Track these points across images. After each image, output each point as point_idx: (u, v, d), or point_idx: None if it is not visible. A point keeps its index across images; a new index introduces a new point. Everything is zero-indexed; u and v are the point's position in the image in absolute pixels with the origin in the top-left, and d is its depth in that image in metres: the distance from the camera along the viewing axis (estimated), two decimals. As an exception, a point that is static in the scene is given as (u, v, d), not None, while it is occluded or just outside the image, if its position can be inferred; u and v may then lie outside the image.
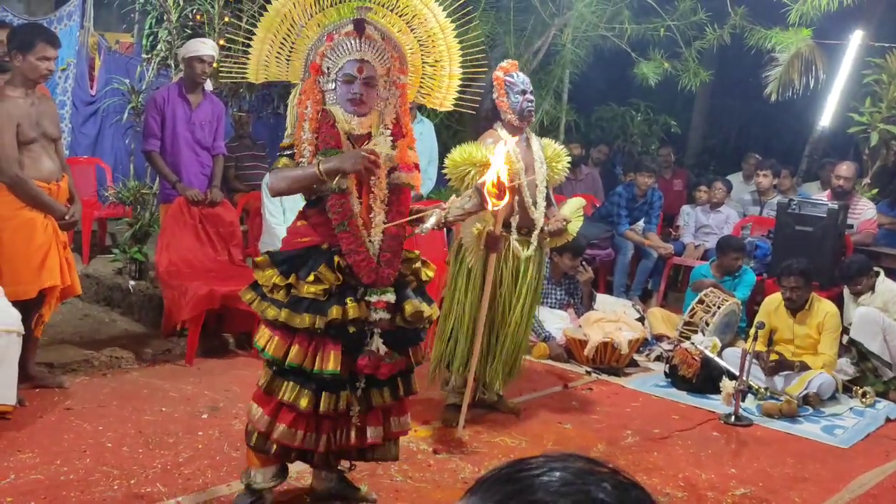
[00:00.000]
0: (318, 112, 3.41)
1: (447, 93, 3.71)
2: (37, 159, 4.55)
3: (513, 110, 4.68)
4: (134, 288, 6.26)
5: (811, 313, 5.78)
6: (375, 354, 3.35)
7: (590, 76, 9.04)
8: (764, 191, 8.35)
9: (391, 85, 3.47)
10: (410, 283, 3.52)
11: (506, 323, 4.72)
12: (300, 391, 3.36)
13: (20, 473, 3.79)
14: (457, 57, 3.65)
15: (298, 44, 3.51)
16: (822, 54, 7.93)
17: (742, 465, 4.58)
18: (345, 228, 3.35)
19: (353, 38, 3.40)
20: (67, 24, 7.94)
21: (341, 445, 3.47)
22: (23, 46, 4.46)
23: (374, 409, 3.47)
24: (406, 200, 3.50)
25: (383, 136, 3.42)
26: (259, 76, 3.60)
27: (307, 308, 3.31)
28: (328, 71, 3.41)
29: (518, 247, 4.69)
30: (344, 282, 3.37)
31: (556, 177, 4.89)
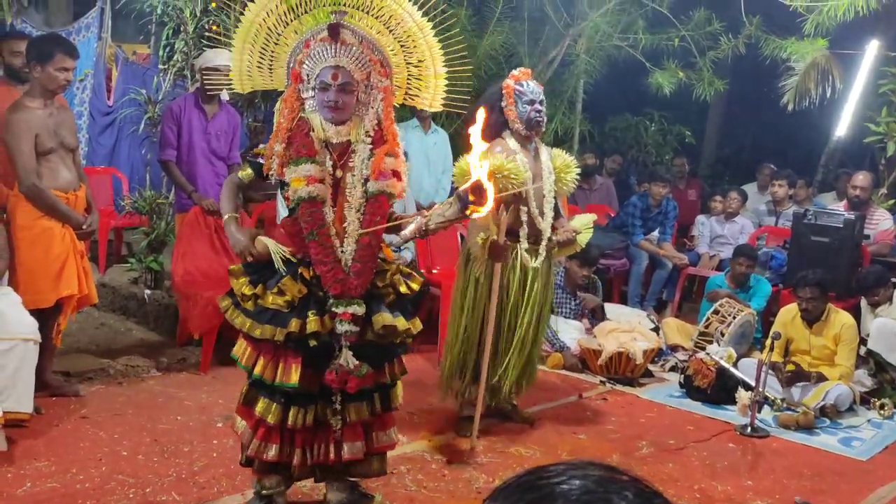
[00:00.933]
0: (291, 120, 3.38)
1: (435, 92, 3.65)
2: (55, 169, 4.59)
3: (520, 120, 4.66)
4: (149, 297, 6.29)
5: (828, 324, 5.75)
6: (343, 368, 3.28)
7: (604, 86, 9.04)
8: (779, 201, 8.32)
9: (372, 89, 3.43)
10: (386, 296, 3.43)
11: (514, 333, 4.70)
12: (268, 404, 3.34)
13: (36, 482, 3.81)
14: (439, 55, 3.59)
15: (278, 52, 3.50)
16: (837, 64, 7.90)
17: (758, 477, 4.54)
18: (314, 237, 3.31)
19: (328, 43, 3.36)
20: (85, 36, 8.00)
21: (319, 461, 3.44)
22: (42, 57, 4.51)
23: (351, 424, 3.42)
24: (382, 209, 3.40)
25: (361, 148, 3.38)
26: (245, 87, 3.62)
27: (269, 319, 3.29)
28: (307, 78, 3.39)
29: (527, 256, 4.67)
30: (311, 293, 3.33)
31: (564, 187, 4.87)
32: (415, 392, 5.37)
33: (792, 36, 7.68)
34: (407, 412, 5.06)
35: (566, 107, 8.60)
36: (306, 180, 3.32)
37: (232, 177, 3.62)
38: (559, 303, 6.66)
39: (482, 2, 7.84)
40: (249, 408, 3.43)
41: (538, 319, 4.81)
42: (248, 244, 3.38)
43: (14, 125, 4.46)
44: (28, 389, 4.26)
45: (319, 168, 3.35)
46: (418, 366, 6.00)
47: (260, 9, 3.46)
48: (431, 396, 5.17)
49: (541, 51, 8.24)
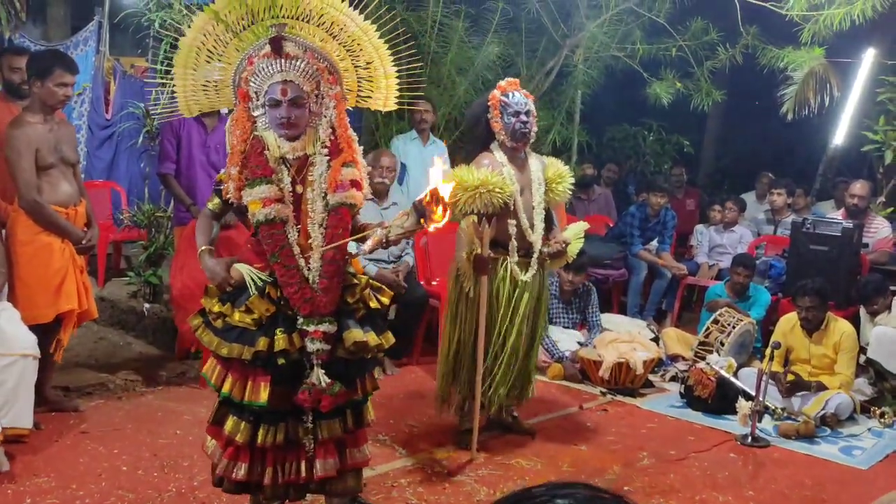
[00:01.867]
0: (244, 141, 3.32)
1: (388, 92, 3.58)
2: (55, 184, 4.60)
3: (506, 132, 4.60)
4: (148, 311, 6.28)
5: (827, 333, 5.74)
6: (315, 387, 3.23)
7: (602, 96, 9.06)
8: (778, 210, 8.33)
9: (323, 98, 3.37)
10: (356, 312, 3.38)
11: (506, 345, 4.66)
12: (237, 423, 3.30)
13: (36, 498, 3.80)
14: (387, 56, 3.53)
15: (221, 72, 3.44)
16: (835, 73, 7.92)
17: (759, 487, 4.53)
18: (277, 259, 3.26)
19: (273, 58, 3.29)
20: (83, 50, 8.02)
21: (290, 479, 3.39)
22: (41, 73, 4.52)
23: (323, 441, 3.37)
24: (344, 222, 3.33)
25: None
26: (192, 110, 3.57)
27: (236, 338, 3.24)
28: (255, 95, 3.32)
29: (517, 269, 4.64)
30: (279, 311, 3.28)
31: (556, 198, 4.80)
32: (415, 404, 5.37)
33: (789, 45, 7.70)
34: (407, 424, 5.06)
35: (564, 117, 8.62)
36: (262, 202, 3.25)
37: (203, 209, 3.56)
38: (556, 313, 6.66)
39: (479, 13, 7.86)
40: (219, 427, 3.38)
41: (531, 332, 4.78)
42: (224, 276, 3.32)
43: (15, 140, 4.47)
44: (27, 405, 4.25)
45: (276, 188, 3.28)
46: (418, 378, 6.00)
47: (197, 32, 3.40)
48: (430, 408, 5.16)
49: (538, 62, 8.26)
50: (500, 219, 4.58)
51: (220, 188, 3.41)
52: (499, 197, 4.46)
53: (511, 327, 4.64)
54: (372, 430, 3.81)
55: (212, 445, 3.45)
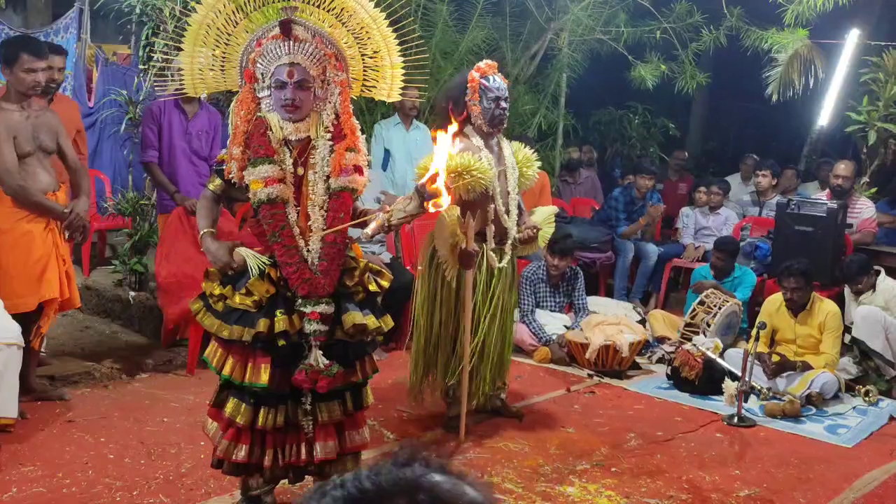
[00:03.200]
0: (248, 122, 3.34)
1: (392, 83, 3.60)
2: (32, 172, 4.55)
3: (483, 116, 4.51)
4: (134, 299, 6.26)
5: (812, 313, 5.77)
6: (313, 368, 3.25)
7: (587, 80, 9.06)
8: (763, 191, 8.35)
9: (328, 84, 3.39)
10: (356, 294, 3.40)
11: (489, 333, 4.61)
12: (238, 405, 3.32)
13: (22, 487, 3.79)
14: (394, 46, 3.55)
15: (229, 52, 3.45)
16: (820, 54, 7.94)
17: (746, 467, 4.56)
18: (277, 239, 3.28)
19: (281, 41, 3.31)
20: (64, 37, 7.94)
21: (290, 461, 3.41)
22: (8, 61, 4.47)
23: (323, 424, 3.40)
24: (346, 206, 3.36)
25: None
26: (198, 89, 3.58)
27: (237, 320, 3.26)
28: (262, 77, 3.34)
29: (493, 257, 4.59)
30: (279, 292, 3.30)
31: (527, 182, 4.76)
32: (403, 390, 5.35)
33: (773, 27, 7.71)
34: (396, 409, 5.06)
35: (550, 101, 8.61)
36: (264, 182, 3.28)
37: (204, 191, 3.57)
38: (543, 296, 6.66)
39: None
40: (219, 409, 3.40)
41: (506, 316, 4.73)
42: (227, 260, 3.33)
43: None
44: (12, 394, 4.23)
45: (278, 168, 3.30)
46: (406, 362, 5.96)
47: (208, 9, 3.41)
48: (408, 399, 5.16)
49: (523, 45, 8.25)
50: (479, 206, 4.50)
51: (221, 169, 3.42)
52: (481, 182, 4.40)
53: (490, 315, 4.60)
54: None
55: (212, 428, 3.47)
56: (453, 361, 4.62)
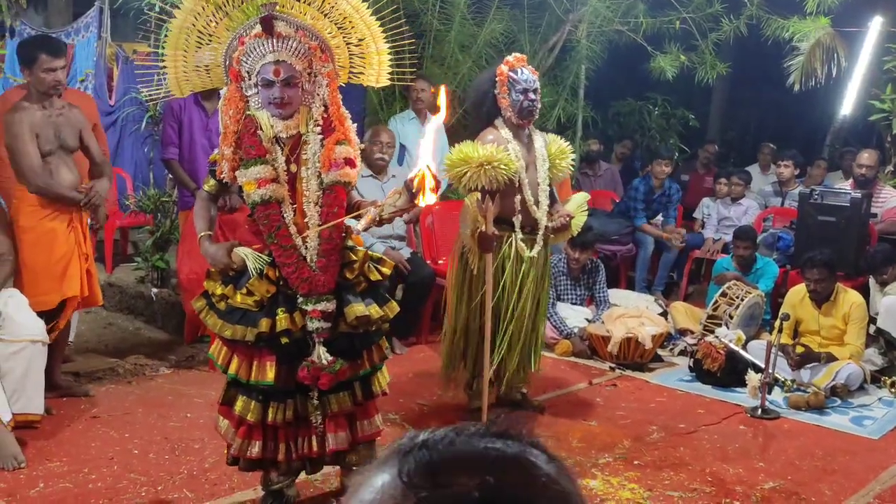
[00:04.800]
0: (237, 121, 3.33)
1: (380, 69, 3.57)
2: (54, 172, 4.58)
3: (513, 108, 4.56)
4: (156, 295, 6.30)
5: (837, 304, 5.72)
6: (315, 364, 3.26)
7: (606, 71, 9.00)
8: (785, 181, 8.28)
9: (316, 76, 3.36)
10: (357, 286, 3.40)
11: (513, 322, 4.64)
12: (247, 402, 3.33)
13: (49, 482, 3.83)
14: (378, 33, 3.52)
15: (212, 51, 3.43)
16: (842, 42, 7.85)
17: (770, 459, 4.54)
18: (273, 240, 3.28)
19: (264, 38, 3.29)
20: (85, 36, 7.99)
21: (304, 454, 3.43)
22: (27, 62, 4.49)
23: (334, 415, 3.41)
24: (339, 200, 3.35)
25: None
26: (184, 90, 3.57)
27: (239, 319, 3.27)
28: (248, 75, 3.32)
29: (523, 246, 4.62)
30: (279, 291, 3.30)
31: (559, 174, 4.79)
32: (423, 383, 5.37)
33: (794, 15, 7.63)
34: (416, 403, 5.06)
35: (568, 93, 8.56)
36: (257, 183, 3.27)
37: (199, 192, 3.56)
38: (564, 289, 6.64)
39: (481, -10, 7.80)
40: (229, 407, 3.42)
41: (537, 309, 4.77)
42: (226, 261, 3.33)
43: (13, 126, 4.45)
44: (38, 391, 4.27)
45: (271, 168, 3.29)
46: (427, 356, 6.00)
47: (187, 13, 3.40)
48: (440, 387, 5.16)
49: (541, 38, 8.20)
50: (505, 195, 4.56)
51: (214, 169, 3.42)
52: (503, 173, 4.44)
53: (518, 304, 4.63)
54: (381, 409, 3.81)
55: (224, 425, 3.48)
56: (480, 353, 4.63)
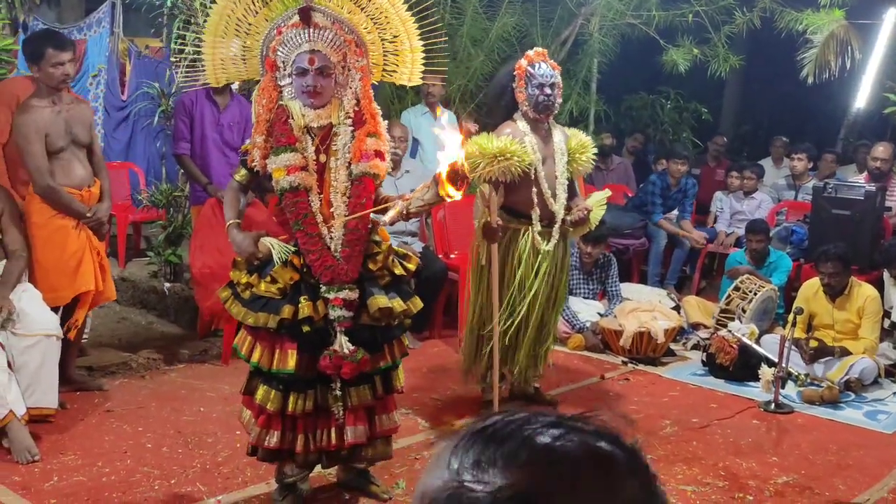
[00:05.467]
0: (270, 110, 3.37)
1: (413, 67, 3.61)
2: (66, 167, 4.59)
3: (529, 103, 4.60)
4: (169, 290, 6.31)
5: (851, 298, 5.69)
6: (337, 354, 3.28)
7: (618, 65, 8.96)
8: (799, 175, 8.24)
9: (349, 70, 3.40)
10: (381, 279, 3.42)
11: (530, 316, 4.66)
12: (267, 392, 3.35)
13: (63, 475, 3.85)
14: (413, 30, 3.55)
15: (250, 41, 3.47)
16: (856, 35, 7.79)
17: (783, 453, 4.52)
18: (300, 227, 3.31)
19: (301, 28, 3.33)
20: (97, 31, 8.01)
21: (321, 446, 3.44)
22: (34, 57, 4.49)
23: (353, 408, 3.42)
24: (367, 191, 3.38)
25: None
26: (219, 79, 3.61)
27: (262, 307, 3.30)
28: (283, 65, 3.37)
29: (539, 239, 4.63)
30: (303, 279, 3.33)
31: (580, 168, 4.82)
32: (436, 378, 5.38)
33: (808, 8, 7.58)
34: (430, 398, 5.07)
35: (581, 87, 8.53)
36: (286, 170, 3.31)
37: (230, 181, 3.61)
38: (576, 283, 6.63)
39: (493, -17, 7.78)
40: (251, 396, 3.45)
41: (553, 303, 4.78)
42: (252, 250, 3.38)
43: (22, 127, 4.46)
44: (52, 385, 4.29)
45: (300, 156, 3.33)
46: (440, 351, 6.00)
47: (227, 0, 3.44)
48: (453, 382, 5.18)
49: (553, 31, 8.17)
50: (522, 189, 4.57)
51: (245, 159, 3.46)
52: (517, 165, 4.45)
53: (534, 297, 4.64)
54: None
55: (247, 416, 3.52)
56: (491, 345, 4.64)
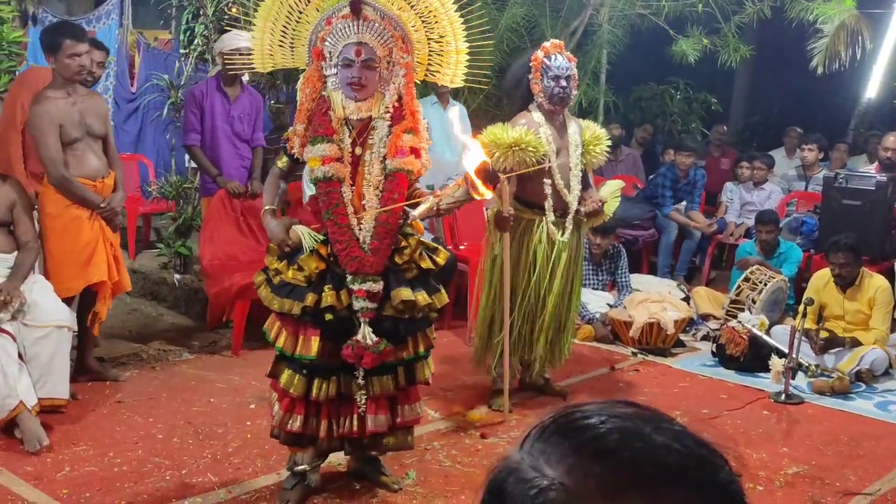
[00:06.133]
0: (312, 100, 3.42)
1: (456, 68, 3.65)
2: (81, 158, 4.60)
3: (544, 94, 4.62)
4: (179, 282, 6.33)
5: (861, 288, 5.67)
6: (360, 344, 3.32)
7: (628, 56, 8.92)
8: (809, 165, 8.20)
9: (394, 66, 3.44)
10: (407, 272, 3.45)
11: (545, 307, 4.67)
12: (291, 376, 3.41)
13: (75, 465, 3.86)
14: (460, 31, 3.60)
15: (300, 30, 3.52)
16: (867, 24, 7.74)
17: (794, 444, 4.51)
18: (330, 216, 3.36)
19: (350, 20, 3.38)
20: (106, 23, 8.03)
21: (343, 433, 3.48)
22: (51, 49, 4.50)
23: (375, 397, 3.46)
24: (400, 187, 3.42)
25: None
26: (266, 66, 3.65)
27: (288, 294, 3.36)
28: (329, 55, 3.41)
29: (553, 230, 4.64)
30: (329, 269, 3.38)
31: (593, 160, 4.83)
32: (446, 368, 5.38)
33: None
34: (440, 388, 5.06)
35: (590, 78, 8.50)
36: (322, 160, 3.36)
37: (272, 168, 3.68)
38: (586, 274, 6.62)
39: (503, -25, 7.75)
40: (276, 380, 3.51)
41: (569, 294, 4.79)
42: (283, 237, 3.43)
43: (37, 118, 4.48)
44: (63, 376, 4.31)
45: (336, 147, 3.38)
46: (449, 342, 6.00)
47: None
48: (462, 372, 5.18)
49: (562, 22, 8.14)
50: (536, 179, 4.59)
51: (285, 146, 3.54)
52: (532, 156, 4.47)
53: (549, 288, 4.65)
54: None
55: (273, 398, 3.57)
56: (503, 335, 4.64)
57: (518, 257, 4.58)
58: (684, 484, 0.73)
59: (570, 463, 0.74)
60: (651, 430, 0.75)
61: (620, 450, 0.73)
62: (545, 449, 0.77)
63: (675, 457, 0.74)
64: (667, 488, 0.72)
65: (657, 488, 0.72)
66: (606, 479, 0.72)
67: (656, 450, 0.74)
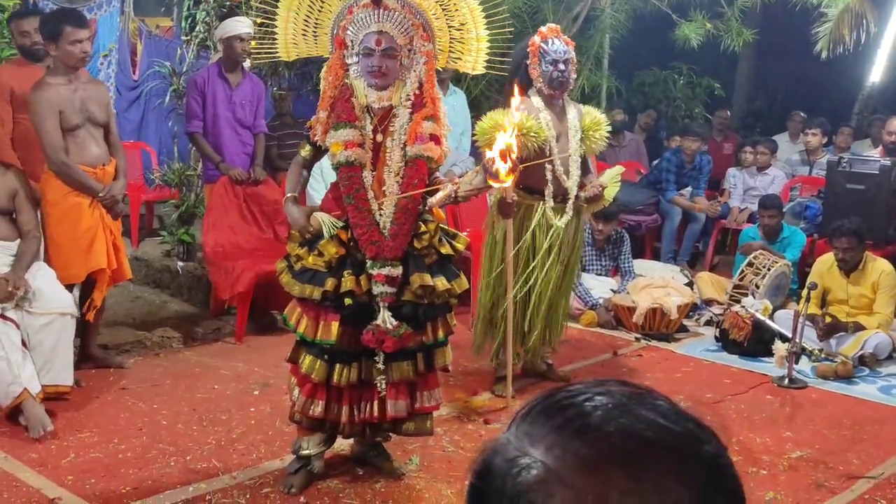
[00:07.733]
0: (335, 87, 3.45)
1: (477, 56, 3.69)
2: (82, 145, 4.59)
3: (543, 79, 4.60)
4: (182, 269, 6.33)
5: (865, 273, 5.66)
6: (380, 328, 3.35)
7: (630, 41, 8.89)
8: (813, 150, 8.18)
9: (415, 54, 3.47)
10: (427, 257, 3.48)
11: (542, 291, 4.67)
12: (313, 361, 3.43)
13: (80, 452, 3.88)
14: (480, 18, 3.63)
15: (322, 19, 3.56)
16: (871, 7, 7.70)
17: (797, 428, 4.51)
18: (351, 201, 3.40)
19: (371, 9, 3.41)
20: (107, 11, 8.00)
21: (364, 418, 3.51)
22: (52, 35, 4.48)
23: (395, 383, 3.48)
24: (420, 173, 3.45)
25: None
26: (290, 54, 3.69)
27: (309, 279, 3.39)
28: (351, 44, 3.44)
29: (552, 215, 4.64)
30: (349, 254, 3.41)
31: (593, 145, 4.80)
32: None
33: (823, -20, 7.50)
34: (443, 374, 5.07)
35: (592, 63, 8.47)
36: (345, 145, 3.39)
37: (295, 157, 3.71)
38: (589, 260, 6.62)
39: (504, -41, 7.72)
40: (296, 364, 3.54)
41: (562, 281, 4.77)
42: (304, 224, 3.46)
43: (36, 104, 4.47)
44: (67, 363, 4.32)
45: (358, 133, 3.41)
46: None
47: None
48: (466, 358, 5.18)
49: (565, 7, 8.11)
50: (536, 165, 4.57)
51: (308, 134, 3.58)
52: (533, 141, 4.46)
53: (547, 273, 4.64)
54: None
55: (293, 383, 3.59)
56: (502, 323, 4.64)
57: (516, 242, 4.58)
58: (668, 457, 0.72)
59: (552, 441, 0.74)
60: (634, 406, 0.75)
61: (601, 425, 0.73)
62: (529, 430, 0.77)
63: (657, 431, 0.73)
64: (649, 462, 0.71)
65: (640, 461, 0.71)
66: (586, 454, 0.71)
67: (638, 424, 0.73)
